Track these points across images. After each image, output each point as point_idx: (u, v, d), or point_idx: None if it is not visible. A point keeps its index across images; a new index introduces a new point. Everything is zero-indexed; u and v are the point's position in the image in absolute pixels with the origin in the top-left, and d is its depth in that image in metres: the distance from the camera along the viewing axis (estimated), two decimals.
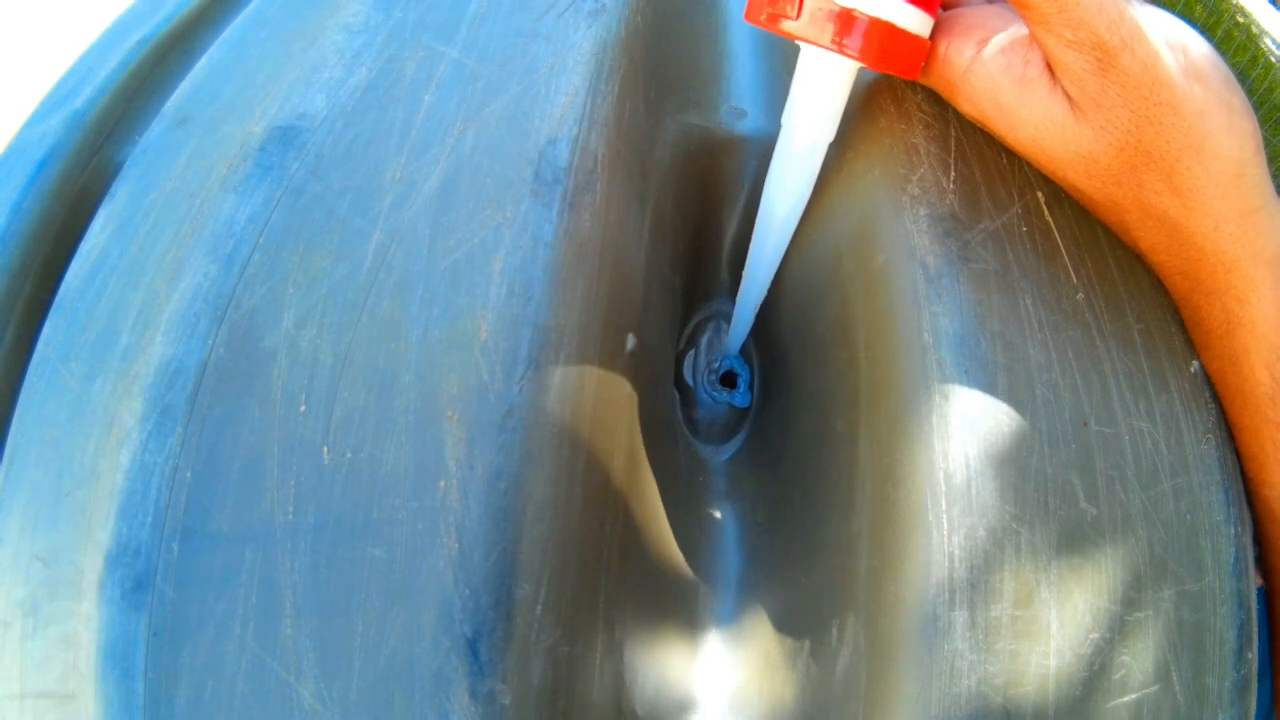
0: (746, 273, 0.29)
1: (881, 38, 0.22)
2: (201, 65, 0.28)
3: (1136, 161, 0.21)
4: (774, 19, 0.22)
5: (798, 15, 0.22)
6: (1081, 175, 0.22)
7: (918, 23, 0.22)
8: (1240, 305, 0.22)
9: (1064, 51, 0.20)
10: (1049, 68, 0.21)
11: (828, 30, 0.22)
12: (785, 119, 0.25)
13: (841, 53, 0.22)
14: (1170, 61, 0.20)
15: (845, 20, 0.22)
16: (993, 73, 0.22)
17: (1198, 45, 0.21)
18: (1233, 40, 0.25)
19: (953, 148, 0.24)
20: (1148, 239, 0.23)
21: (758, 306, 0.30)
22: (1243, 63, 0.27)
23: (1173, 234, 0.22)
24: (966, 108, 0.23)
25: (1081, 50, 0.20)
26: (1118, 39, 0.20)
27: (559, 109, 0.23)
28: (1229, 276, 0.22)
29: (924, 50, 0.23)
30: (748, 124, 0.31)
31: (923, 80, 0.24)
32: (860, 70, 0.25)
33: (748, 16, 0.23)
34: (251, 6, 0.30)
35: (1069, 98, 0.21)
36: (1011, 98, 0.22)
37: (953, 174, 0.23)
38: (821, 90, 0.24)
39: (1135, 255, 0.24)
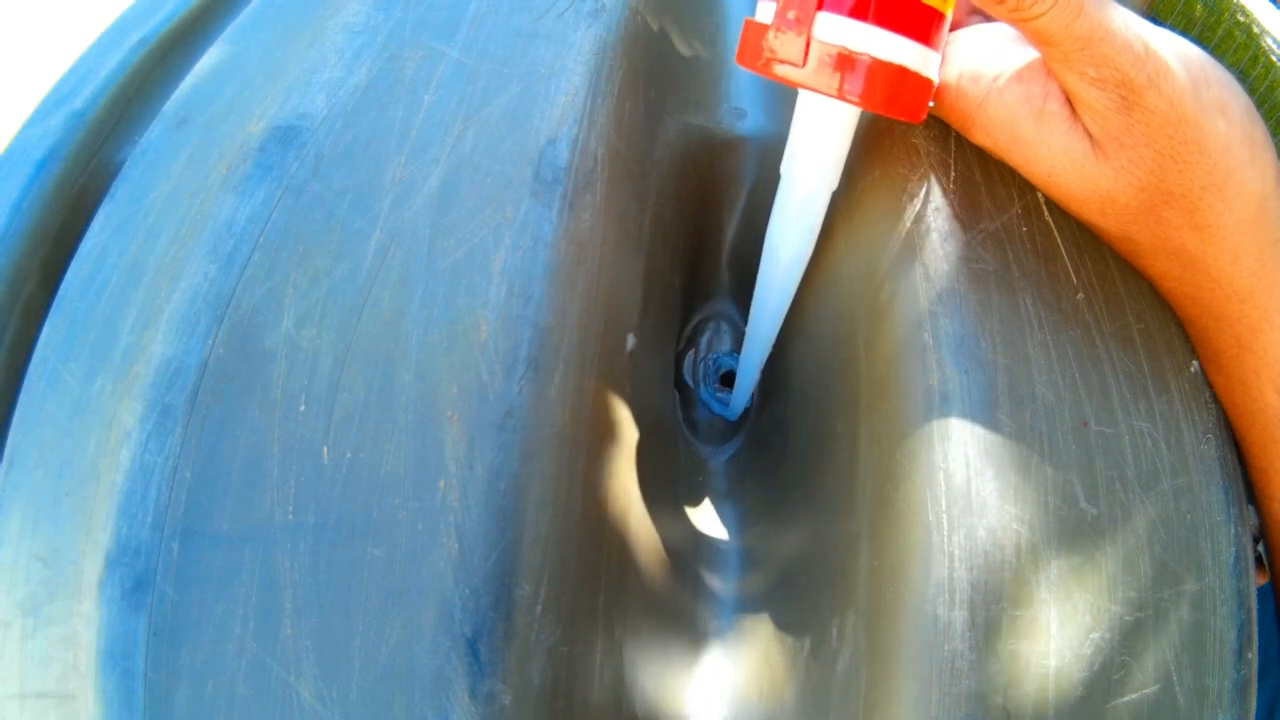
0: (750, 329, 0.28)
1: (889, 82, 0.20)
2: (201, 65, 0.28)
3: (1156, 200, 0.20)
4: (770, 65, 0.21)
5: (804, 63, 0.20)
6: (1096, 213, 0.22)
7: (927, 64, 0.21)
8: (1252, 333, 0.22)
9: (1086, 89, 0.19)
10: (1069, 101, 0.20)
11: (832, 77, 0.20)
12: (784, 168, 0.24)
13: (843, 99, 0.21)
14: (1196, 97, 0.19)
15: (849, 65, 0.20)
16: (1010, 104, 0.21)
17: (1218, 74, 0.20)
18: (1233, 39, 0.25)
19: (953, 148, 0.24)
20: (1159, 268, 0.22)
21: (762, 364, 0.29)
22: (1243, 62, 0.27)
23: (1187, 265, 0.22)
24: (979, 138, 0.22)
25: (1105, 88, 0.19)
26: (1143, 76, 0.19)
27: (559, 109, 0.23)
28: (1242, 306, 0.22)
29: (929, 92, 0.22)
30: (748, 124, 0.31)
31: (934, 111, 0.23)
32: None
33: (740, 60, 0.22)
34: (251, 6, 0.30)
35: (1089, 135, 0.20)
36: (1030, 132, 0.21)
37: (953, 174, 0.23)
38: (822, 138, 0.23)
39: None
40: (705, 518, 0.29)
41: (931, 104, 0.23)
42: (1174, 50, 0.20)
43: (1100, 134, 0.20)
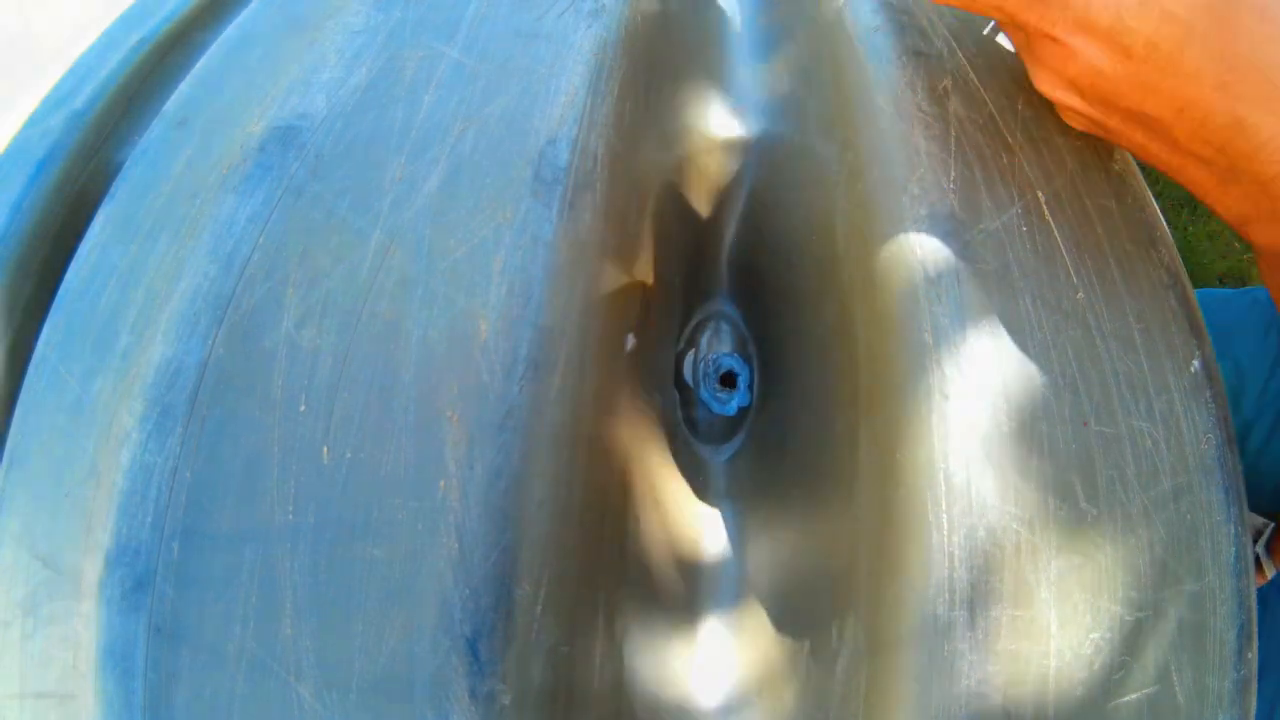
0: None
1: None
2: (201, 65, 0.28)
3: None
4: None
5: None
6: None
7: None
8: None
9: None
10: None
11: None
12: None
13: None
14: None
15: None
16: None
17: None
18: None
19: (953, 148, 0.24)
20: (1229, 108, 0.21)
21: None
22: None
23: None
24: None
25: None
26: None
27: (559, 109, 0.23)
28: None
29: None
30: (748, 124, 0.31)
31: None
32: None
33: None
34: (252, 6, 0.30)
35: None
36: None
37: (953, 174, 0.23)
38: None
39: (1135, 255, 0.24)
40: (705, 518, 0.29)
41: None
42: None
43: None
